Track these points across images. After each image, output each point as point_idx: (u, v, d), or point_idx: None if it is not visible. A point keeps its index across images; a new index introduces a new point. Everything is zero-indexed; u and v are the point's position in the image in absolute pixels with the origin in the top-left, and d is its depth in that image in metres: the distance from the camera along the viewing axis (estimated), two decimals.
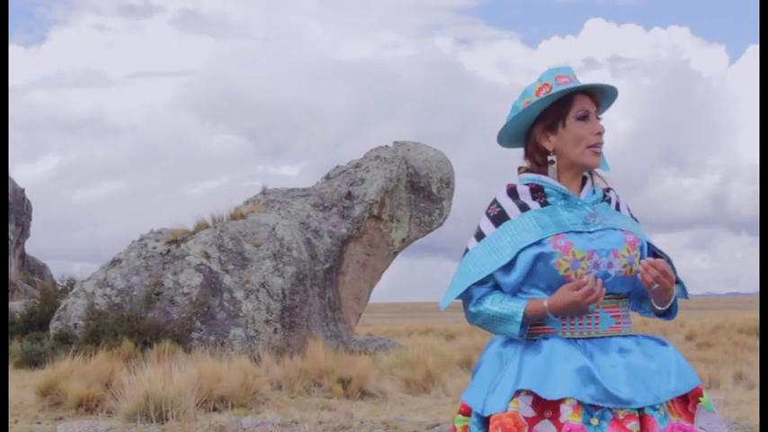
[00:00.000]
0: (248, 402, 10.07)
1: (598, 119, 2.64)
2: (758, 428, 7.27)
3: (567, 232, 2.56)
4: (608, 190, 2.71)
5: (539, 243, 2.56)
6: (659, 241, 2.75)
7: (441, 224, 19.89)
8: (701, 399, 2.49)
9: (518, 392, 2.47)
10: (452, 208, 20.17)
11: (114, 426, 8.32)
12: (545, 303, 2.53)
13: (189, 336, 15.55)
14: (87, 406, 9.72)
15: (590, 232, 2.57)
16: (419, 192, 19.69)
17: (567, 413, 2.41)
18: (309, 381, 11.64)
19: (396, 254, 19.66)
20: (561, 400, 2.42)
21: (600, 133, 2.61)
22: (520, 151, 2.73)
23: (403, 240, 19.45)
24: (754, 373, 12.95)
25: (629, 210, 2.72)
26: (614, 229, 2.59)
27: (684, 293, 2.72)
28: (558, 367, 2.45)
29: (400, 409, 10.33)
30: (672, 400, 2.48)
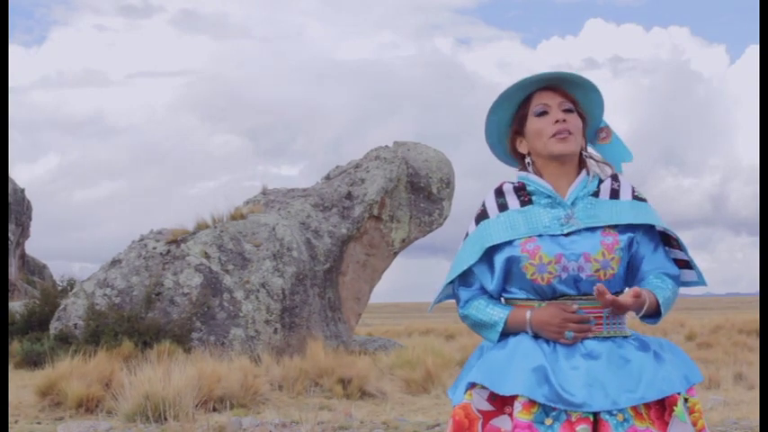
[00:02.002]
0: (248, 402, 10.07)
1: (567, 110, 2.60)
2: (758, 428, 7.27)
3: (539, 235, 2.55)
4: (605, 179, 2.66)
5: (510, 245, 2.56)
6: None
7: (441, 224, 19.88)
8: (674, 408, 2.45)
9: (473, 385, 2.49)
10: (452, 208, 20.17)
11: (114, 426, 8.32)
12: (527, 316, 2.54)
13: (189, 336, 15.54)
14: (87, 406, 9.72)
15: (564, 235, 2.55)
16: (419, 192, 19.68)
17: (517, 410, 2.42)
18: (309, 381, 11.63)
19: (396, 254, 19.65)
20: (515, 397, 2.43)
21: (558, 121, 2.58)
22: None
23: (403, 240, 19.44)
24: (754, 373, 12.95)
25: (633, 192, 2.65)
26: (594, 230, 2.56)
27: (702, 280, 2.68)
28: (516, 364, 2.46)
29: (400, 409, 10.33)
30: (647, 407, 2.46)
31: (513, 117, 2.67)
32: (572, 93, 2.64)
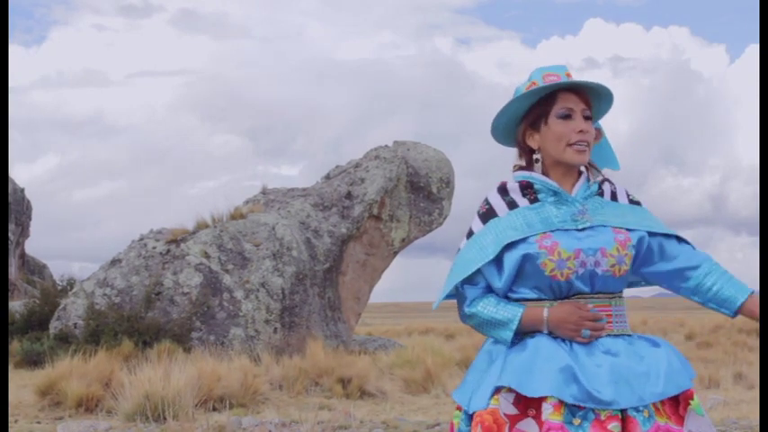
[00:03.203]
0: (248, 402, 10.07)
1: (587, 118, 2.60)
2: (758, 428, 7.27)
3: (553, 231, 2.55)
4: (603, 182, 2.68)
5: (524, 242, 2.55)
6: None
7: (440, 224, 19.88)
8: (691, 402, 2.47)
9: (499, 389, 2.47)
10: (452, 208, 20.17)
11: (114, 426, 8.32)
12: (544, 314, 2.53)
13: (189, 336, 15.55)
14: (87, 406, 9.71)
15: (578, 230, 2.56)
16: (419, 191, 19.68)
17: (548, 411, 2.41)
18: (309, 380, 11.63)
19: (396, 254, 19.66)
20: (543, 399, 2.42)
21: (581, 131, 2.58)
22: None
23: (403, 240, 19.44)
24: (754, 373, 12.96)
25: (628, 196, 2.68)
26: (605, 226, 2.58)
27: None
28: (541, 366, 2.45)
29: (400, 408, 10.33)
30: (662, 402, 2.47)
31: (528, 110, 2.65)
32: (590, 97, 2.64)
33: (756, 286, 2.72)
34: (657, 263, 2.65)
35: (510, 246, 2.56)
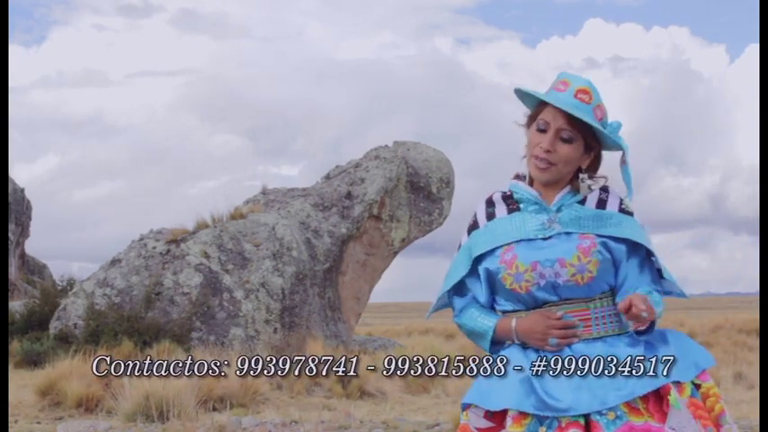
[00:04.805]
0: (248, 402, 10.07)
1: (565, 140, 2.53)
2: (758, 428, 7.27)
3: (518, 242, 2.55)
4: (602, 188, 2.63)
5: (492, 255, 2.58)
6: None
7: (440, 224, 19.89)
8: (669, 397, 2.46)
9: (468, 405, 2.54)
10: (452, 208, 20.18)
11: (114, 425, 8.32)
12: (513, 325, 2.57)
13: (189, 335, 15.55)
14: (87, 406, 9.72)
15: (543, 239, 2.55)
16: (419, 191, 19.68)
17: (509, 423, 2.45)
18: (309, 380, 11.63)
19: (396, 254, 19.66)
20: (506, 411, 2.46)
21: (540, 147, 2.53)
22: (518, 151, 2.73)
23: (403, 240, 19.44)
24: (754, 373, 12.96)
25: (620, 204, 2.61)
26: (571, 233, 2.54)
27: (682, 293, 2.66)
28: (506, 378, 2.50)
29: (400, 408, 10.34)
30: (645, 401, 2.46)
31: (529, 115, 2.66)
32: (582, 126, 2.55)
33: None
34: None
35: (482, 258, 2.60)
